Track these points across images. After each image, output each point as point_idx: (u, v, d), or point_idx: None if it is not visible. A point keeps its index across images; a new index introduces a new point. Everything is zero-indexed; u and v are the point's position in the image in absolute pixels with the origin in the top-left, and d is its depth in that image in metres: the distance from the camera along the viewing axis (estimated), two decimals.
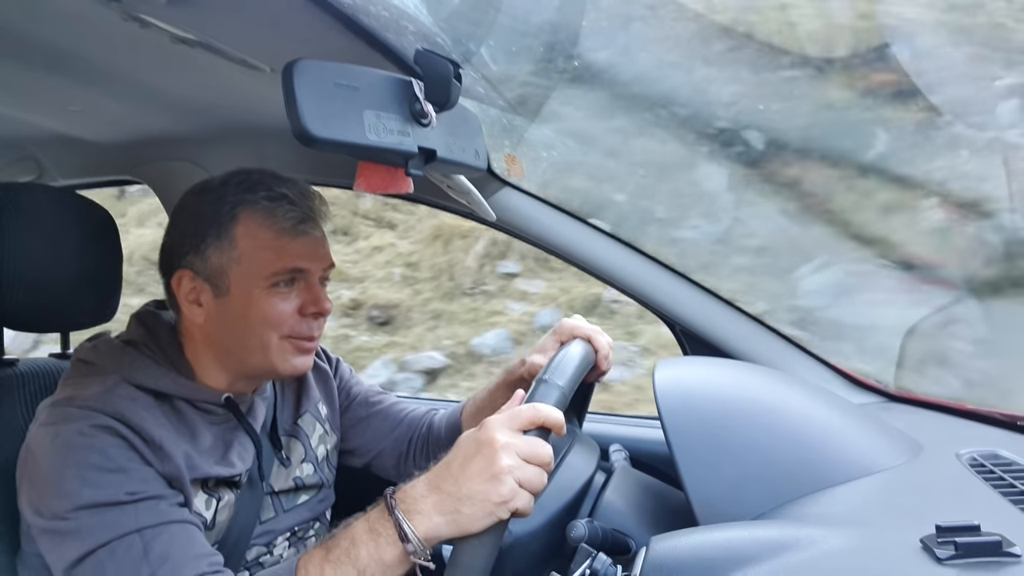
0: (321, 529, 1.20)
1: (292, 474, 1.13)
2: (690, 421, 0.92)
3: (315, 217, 1.02)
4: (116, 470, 0.85)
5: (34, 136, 1.55)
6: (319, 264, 1.03)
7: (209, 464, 0.97)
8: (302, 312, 1.00)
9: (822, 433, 0.93)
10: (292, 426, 1.16)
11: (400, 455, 1.26)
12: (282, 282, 0.99)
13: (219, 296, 0.99)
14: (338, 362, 1.31)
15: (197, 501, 0.95)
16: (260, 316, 0.98)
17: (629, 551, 0.91)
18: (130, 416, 0.89)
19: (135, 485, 0.86)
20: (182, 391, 0.98)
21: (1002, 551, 0.60)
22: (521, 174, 1.42)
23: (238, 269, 0.98)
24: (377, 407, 1.28)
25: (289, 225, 0.98)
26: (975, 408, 1.18)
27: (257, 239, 0.98)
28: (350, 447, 1.27)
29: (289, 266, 0.99)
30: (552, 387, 0.83)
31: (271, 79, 1.02)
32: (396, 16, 0.88)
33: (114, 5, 0.80)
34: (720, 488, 0.85)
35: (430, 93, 0.79)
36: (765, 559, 0.67)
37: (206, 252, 0.98)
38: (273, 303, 0.98)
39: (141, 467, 0.87)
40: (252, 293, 0.97)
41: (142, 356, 0.98)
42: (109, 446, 0.86)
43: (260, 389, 1.10)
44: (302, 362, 1.03)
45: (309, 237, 1.01)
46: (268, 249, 0.98)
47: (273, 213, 0.98)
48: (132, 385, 0.94)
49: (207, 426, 1.00)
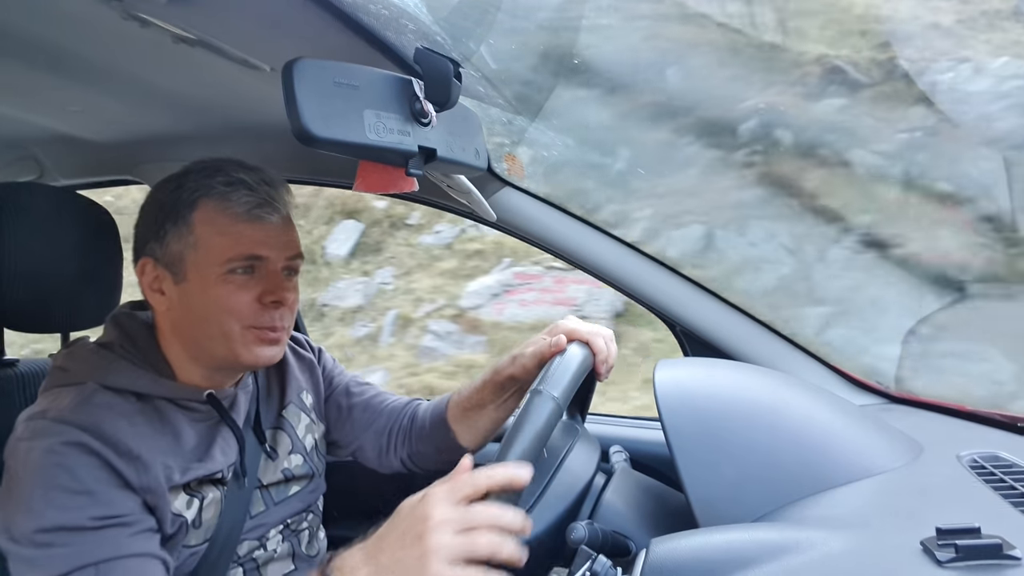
0: (314, 520, 1.20)
1: (280, 466, 1.12)
2: (690, 422, 0.91)
3: (274, 203, 1.00)
4: (83, 492, 0.85)
5: (34, 136, 1.55)
6: (280, 252, 1.00)
7: (190, 464, 0.96)
8: (261, 301, 0.98)
9: (823, 435, 0.93)
10: (277, 418, 1.15)
11: (381, 447, 1.23)
12: (239, 269, 0.97)
13: (178, 283, 0.98)
14: (320, 351, 1.30)
15: (178, 503, 0.95)
16: (217, 304, 0.96)
17: (629, 553, 0.90)
18: (105, 428, 0.88)
19: (100, 509, 0.85)
20: (162, 391, 0.98)
21: (1002, 554, 0.60)
22: (521, 173, 1.42)
23: (195, 255, 0.96)
24: (358, 397, 1.26)
25: (244, 210, 0.97)
26: (976, 410, 1.18)
27: (213, 225, 0.96)
28: (333, 438, 1.25)
29: (245, 253, 0.97)
30: (546, 399, 0.82)
31: (271, 78, 1.01)
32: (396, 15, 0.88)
33: (114, 4, 0.79)
34: (720, 490, 0.85)
35: (430, 92, 0.78)
36: (765, 561, 0.66)
37: (165, 239, 0.98)
38: (229, 290, 0.96)
39: (110, 489, 0.87)
40: (208, 280, 0.96)
41: (118, 358, 0.98)
42: (79, 466, 0.86)
43: (242, 383, 1.09)
44: (266, 353, 1.01)
45: (266, 223, 0.99)
46: (224, 235, 0.96)
47: (228, 198, 0.97)
48: (110, 389, 0.94)
49: (190, 424, 1.00)
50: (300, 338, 1.28)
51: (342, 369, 1.31)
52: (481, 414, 1.15)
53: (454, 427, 1.17)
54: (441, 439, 1.18)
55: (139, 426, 0.93)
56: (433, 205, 1.55)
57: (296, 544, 1.14)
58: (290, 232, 1.03)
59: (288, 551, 1.12)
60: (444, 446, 1.18)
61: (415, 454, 1.22)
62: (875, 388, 1.38)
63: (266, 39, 0.92)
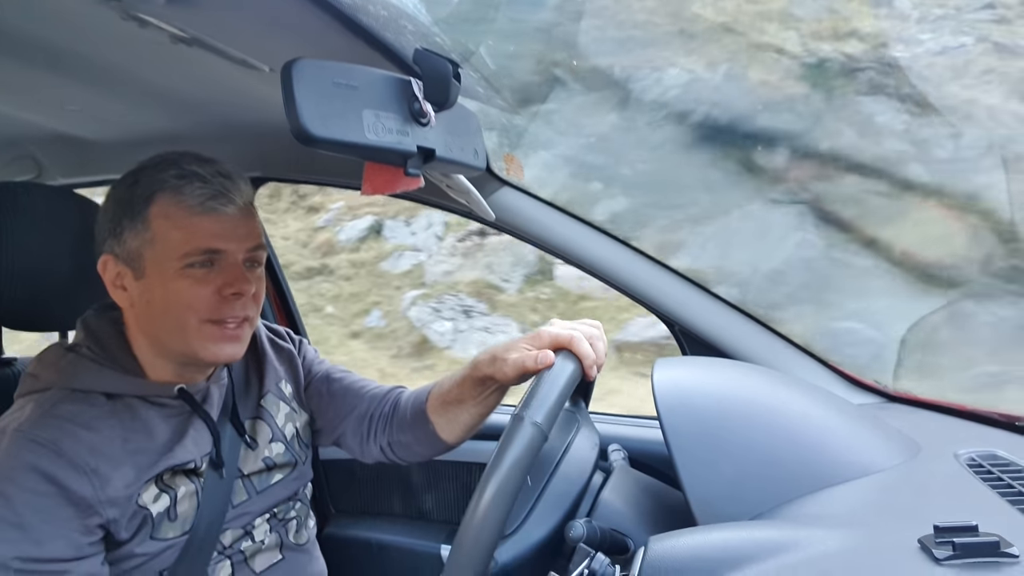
0: (302, 509, 1.20)
1: (261, 455, 1.12)
2: (688, 421, 0.92)
3: (229, 194, 0.98)
4: (16, 525, 0.85)
5: (33, 135, 1.55)
6: (239, 244, 0.99)
7: (160, 457, 0.97)
8: (221, 293, 0.97)
9: (820, 433, 0.93)
10: (256, 408, 1.15)
11: (361, 434, 1.21)
12: (197, 263, 0.96)
13: (138, 279, 0.97)
14: (301, 342, 1.29)
15: (146, 496, 0.95)
16: (175, 298, 0.96)
17: (627, 551, 0.91)
18: (64, 444, 0.88)
19: (29, 548, 0.85)
20: (131, 388, 0.98)
21: (1000, 551, 0.60)
22: (520, 173, 1.42)
23: (152, 251, 0.96)
24: (337, 384, 1.24)
25: (197, 203, 0.96)
26: (973, 408, 1.18)
27: (169, 219, 0.95)
28: (317, 426, 1.25)
29: (201, 246, 0.96)
30: (528, 426, 0.79)
31: (270, 78, 1.01)
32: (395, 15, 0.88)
33: (113, 4, 0.79)
34: (718, 488, 0.85)
35: (429, 92, 0.78)
36: (763, 559, 0.67)
37: (123, 235, 0.97)
38: (187, 285, 0.96)
39: (45, 525, 0.86)
40: (166, 274, 0.96)
41: (85, 360, 0.98)
42: (22, 491, 0.86)
43: (214, 376, 1.09)
44: (225, 350, 1.00)
45: (221, 215, 0.97)
46: (179, 229, 0.95)
47: (181, 191, 0.96)
48: (79, 392, 0.94)
49: (162, 420, 1.00)
50: (280, 330, 1.28)
51: (323, 359, 1.30)
52: (461, 409, 1.11)
53: (433, 420, 1.14)
54: (420, 431, 1.15)
55: (106, 430, 0.93)
56: (432, 205, 1.55)
57: (284, 534, 1.14)
58: (249, 223, 1.01)
59: (276, 541, 1.13)
60: (423, 438, 1.16)
61: (395, 443, 1.19)
62: (873, 387, 1.38)
63: (265, 39, 0.92)
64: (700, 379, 1.04)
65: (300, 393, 1.24)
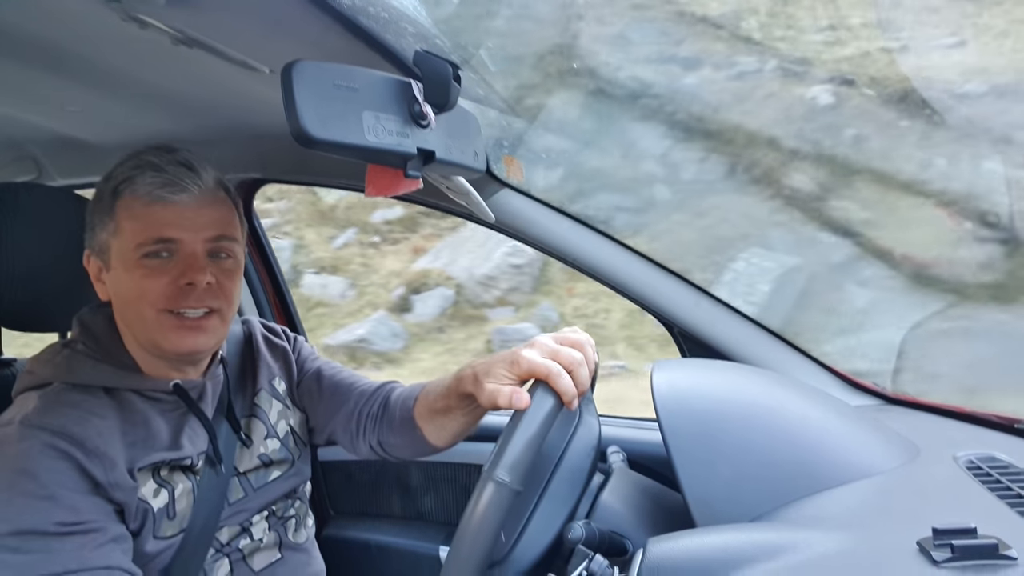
0: (301, 507, 1.20)
1: (256, 452, 1.13)
2: (687, 423, 0.92)
3: (182, 182, 0.97)
4: (47, 497, 0.85)
5: (33, 136, 1.55)
6: (194, 233, 0.98)
7: (158, 451, 0.97)
8: (176, 284, 0.97)
9: (819, 435, 0.93)
10: (250, 405, 1.16)
11: (351, 431, 1.19)
12: (152, 253, 0.96)
13: (108, 271, 1.00)
14: (296, 339, 1.29)
15: (144, 490, 0.95)
16: (134, 289, 0.96)
17: (626, 553, 0.91)
18: (71, 428, 0.89)
19: (65, 514, 0.86)
20: (126, 383, 0.99)
21: (998, 554, 0.60)
22: (520, 175, 1.42)
23: (115, 242, 0.98)
24: (327, 381, 1.23)
25: (147, 191, 0.96)
26: (972, 411, 1.18)
27: (128, 210, 0.97)
28: (311, 424, 1.24)
29: (154, 236, 0.95)
30: (498, 485, 0.76)
31: (270, 80, 1.02)
32: (395, 17, 0.88)
33: (114, 5, 0.79)
34: (717, 490, 0.85)
35: (429, 94, 0.79)
36: (762, 561, 0.67)
37: (96, 229, 1.00)
38: (142, 275, 0.96)
39: (75, 494, 0.87)
40: (128, 265, 0.97)
41: (81, 356, 0.99)
42: (44, 470, 0.86)
43: (210, 372, 1.10)
44: (185, 340, 0.99)
45: (174, 204, 0.96)
46: (135, 219, 0.96)
47: (136, 181, 0.96)
48: (76, 387, 0.95)
49: (159, 415, 1.01)
50: (276, 327, 1.29)
51: (317, 356, 1.30)
52: (448, 418, 1.07)
53: (421, 425, 1.11)
54: (409, 435, 1.13)
55: (108, 419, 0.94)
56: (432, 206, 1.55)
57: (283, 532, 1.15)
58: (207, 213, 1.00)
59: (275, 540, 1.13)
60: (412, 442, 1.14)
61: (385, 443, 1.17)
62: (871, 389, 1.38)
63: (265, 41, 0.92)
64: (699, 381, 1.04)
65: (293, 391, 1.24)
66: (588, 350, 0.90)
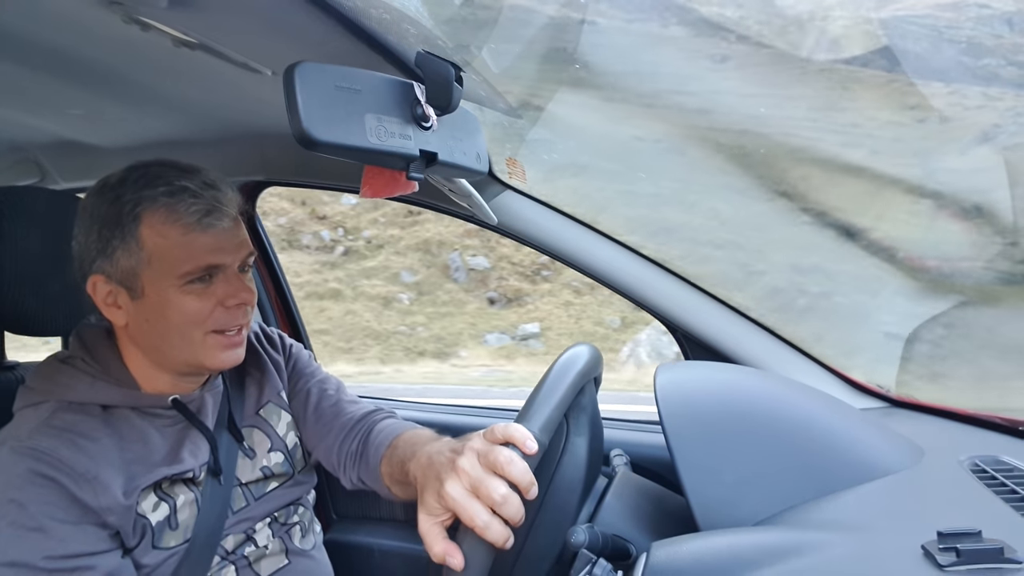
0: (305, 514, 1.19)
1: (259, 464, 1.12)
2: (691, 426, 0.91)
3: (222, 207, 0.98)
4: (36, 529, 0.85)
5: (35, 139, 1.55)
6: (234, 256, 0.99)
7: (158, 468, 0.97)
8: (224, 305, 0.98)
9: (824, 438, 0.93)
10: (254, 417, 1.15)
11: (332, 465, 1.17)
12: (197, 280, 0.96)
13: (135, 299, 0.96)
14: (292, 348, 1.27)
15: (145, 505, 0.95)
16: (179, 315, 0.96)
17: (630, 557, 0.90)
18: (62, 452, 0.88)
19: (54, 547, 0.85)
20: (125, 400, 0.98)
21: (1004, 558, 0.60)
22: (523, 177, 1.42)
23: (149, 271, 0.95)
24: (312, 407, 1.20)
25: (194, 220, 0.95)
26: (977, 413, 1.18)
27: (165, 238, 0.94)
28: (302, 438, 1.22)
29: (202, 264, 0.96)
30: None
31: (272, 82, 1.02)
32: (397, 19, 0.88)
33: (115, 8, 0.80)
34: (721, 493, 0.85)
35: (431, 96, 0.78)
36: (766, 565, 0.66)
37: (114, 256, 0.95)
38: (189, 301, 0.96)
39: (63, 525, 0.86)
40: (167, 293, 0.95)
41: (78, 372, 0.98)
42: (31, 501, 0.86)
43: (208, 385, 1.09)
44: (229, 356, 1.01)
45: (217, 229, 0.97)
46: (177, 247, 0.94)
47: (175, 209, 0.94)
48: (72, 406, 0.94)
49: (158, 431, 1.00)
50: (274, 336, 1.27)
51: (314, 370, 1.27)
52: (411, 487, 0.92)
53: (390, 486, 1.06)
54: (384, 489, 1.09)
55: (103, 440, 0.93)
56: (435, 208, 1.55)
57: (288, 539, 1.14)
58: (240, 233, 1.01)
59: (280, 547, 1.12)
60: (388, 494, 1.09)
61: (367, 480, 1.13)
62: (876, 392, 1.38)
63: (267, 43, 0.92)
64: (702, 383, 1.03)
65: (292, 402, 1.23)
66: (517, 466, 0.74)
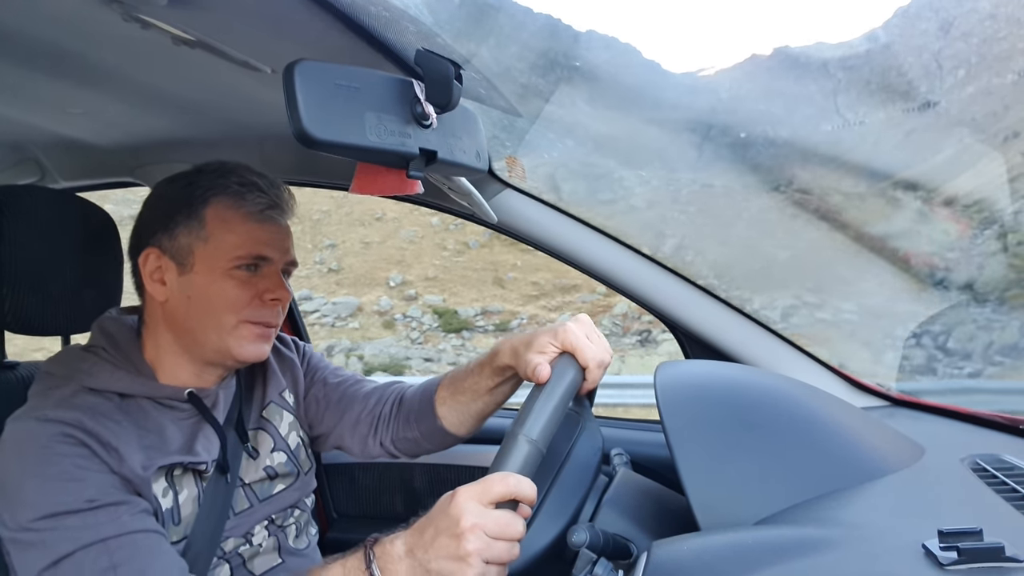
0: (302, 516, 1.20)
1: (262, 464, 1.13)
2: (692, 425, 0.91)
3: (283, 206, 1.06)
4: (73, 479, 0.87)
5: (35, 138, 1.55)
6: (282, 255, 1.07)
7: (172, 453, 0.98)
8: (262, 298, 1.04)
9: (825, 437, 0.92)
10: (258, 418, 1.17)
11: (362, 434, 1.22)
12: (245, 266, 1.02)
13: (183, 274, 1.02)
14: (305, 348, 1.31)
15: (156, 487, 0.96)
16: (220, 296, 1.01)
17: (631, 556, 0.90)
18: (87, 422, 0.91)
19: (93, 492, 0.88)
20: (143, 390, 1.00)
21: (1004, 556, 0.60)
22: (523, 176, 1.42)
23: (204, 248, 1.02)
24: (334, 388, 1.26)
25: (257, 210, 1.03)
26: (978, 412, 1.18)
27: (226, 221, 1.02)
28: (317, 432, 1.25)
29: (254, 252, 1.03)
30: (523, 443, 0.82)
31: (272, 80, 1.01)
32: (397, 16, 0.88)
33: (115, 6, 0.79)
34: (721, 492, 0.85)
35: (431, 94, 0.78)
36: (767, 564, 0.66)
37: (175, 231, 1.02)
38: (232, 285, 1.02)
39: (98, 475, 0.89)
40: (215, 273, 1.01)
41: (100, 361, 1.00)
42: (66, 456, 0.88)
43: (224, 382, 1.11)
44: (258, 348, 1.06)
45: (275, 225, 1.06)
46: (235, 232, 1.02)
47: (243, 197, 1.03)
48: (93, 390, 0.97)
49: (172, 422, 1.02)
50: (285, 338, 1.30)
51: (326, 364, 1.31)
52: (474, 399, 1.12)
53: (441, 414, 1.15)
54: (426, 426, 1.17)
55: (121, 423, 0.95)
56: (434, 207, 1.55)
57: (283, 538, 1.15)
58: (290, 238, 1.09)
59: (274, 545, 1.13)
60: (429, 433, 1.17)
61: (399, 440, 1.20)
62: (877, 391, 1.38)
63: (267, 41, 0.92)
64: (703, 383, 1.03)
65: (301, 402, 1.24)
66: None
